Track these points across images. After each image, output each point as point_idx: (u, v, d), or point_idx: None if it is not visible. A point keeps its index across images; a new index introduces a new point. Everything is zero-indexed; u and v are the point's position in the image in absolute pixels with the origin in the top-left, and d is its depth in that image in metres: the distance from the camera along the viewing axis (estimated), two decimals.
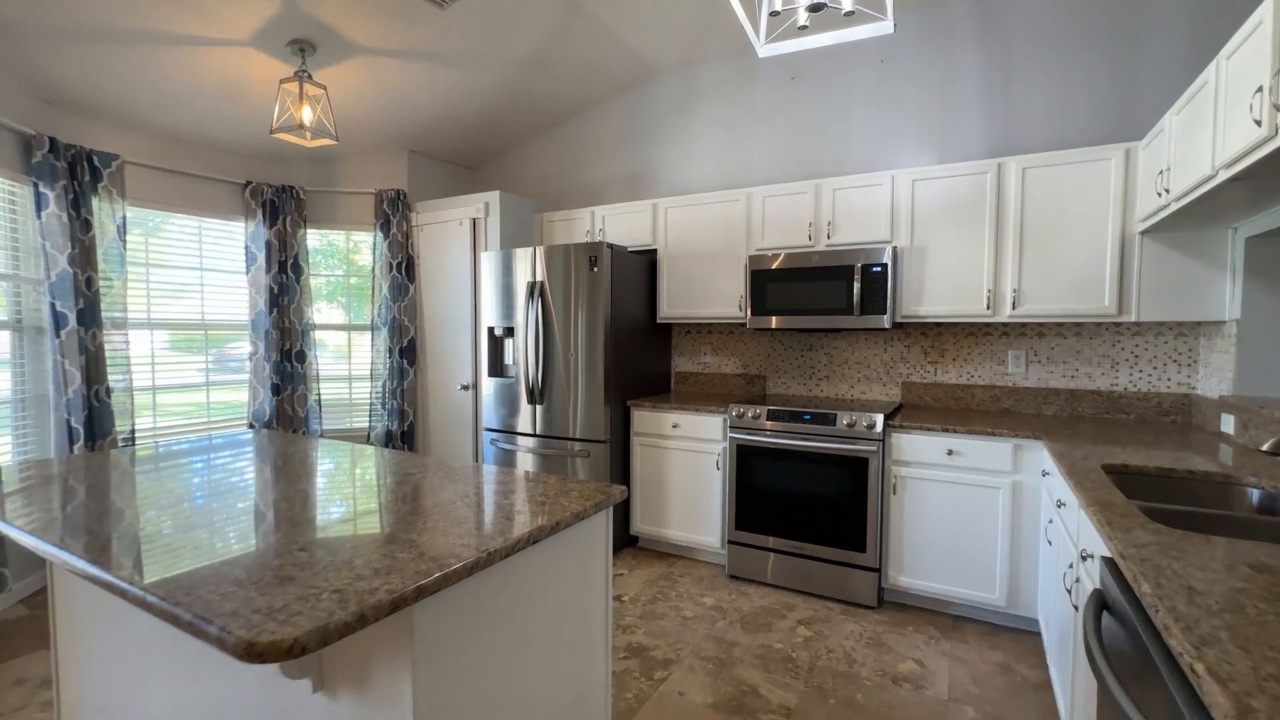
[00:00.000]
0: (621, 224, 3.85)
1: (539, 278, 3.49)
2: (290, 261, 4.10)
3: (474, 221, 4.05)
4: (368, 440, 4.32)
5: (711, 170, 3.92)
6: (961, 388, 3.21)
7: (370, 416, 4.32)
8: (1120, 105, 2.84)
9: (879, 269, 2.98)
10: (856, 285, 3.01)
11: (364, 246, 4.42)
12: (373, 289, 4.31)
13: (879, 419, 2.80)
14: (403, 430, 4.33)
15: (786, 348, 3.68)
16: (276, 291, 4.06)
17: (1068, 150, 2.68)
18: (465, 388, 4.12)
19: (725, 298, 3.52)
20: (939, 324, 3.25)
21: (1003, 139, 3.09)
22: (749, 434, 3.10)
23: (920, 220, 2.99)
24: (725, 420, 3.22)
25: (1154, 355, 2.81)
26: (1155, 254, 2.54)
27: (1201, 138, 1.80)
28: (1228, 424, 2.35)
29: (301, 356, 4.15)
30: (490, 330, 3.71)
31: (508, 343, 3.67)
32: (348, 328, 4.41)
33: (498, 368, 3.74)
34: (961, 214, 2.89)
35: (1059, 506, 1.94)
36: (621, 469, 3.52)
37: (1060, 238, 2.70)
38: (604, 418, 3.35)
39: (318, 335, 4.29)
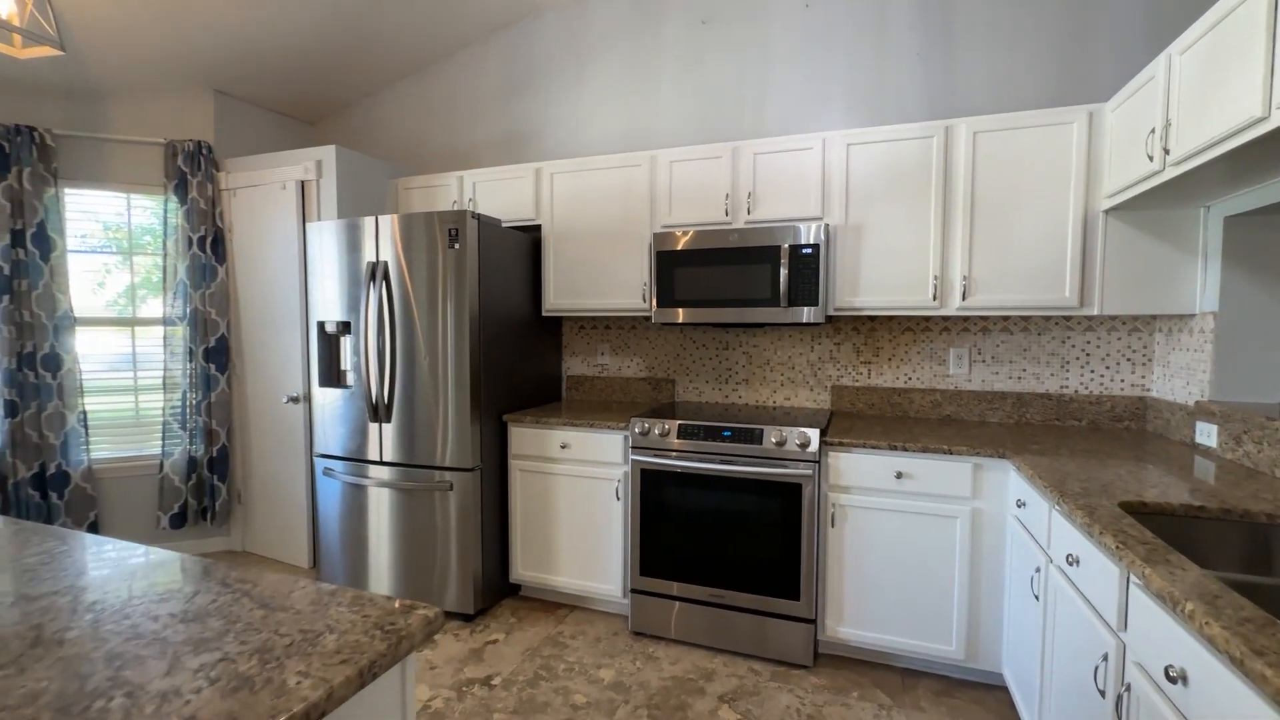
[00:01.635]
0: (497, 193, 3.09)
1: (383, 256, 2.66)
2: (33, 232, 2.97)
3: (302, 185, 3.12)
4: (160, 471, 3.27)
5: (609, 131, 3.25)
6: (899, 392, 2.76)
7: (164, 439, 3.27)
8: (1072, 62, 2.48)
9: (809, 250, 2.45)
10: (783, 271, 2.46)
11: (152, 215, 3.34)
12: (165, 272, 3.25)
13: (814, 435, 2.26)
14: (211, 456, 3.32)
15: (699, 346, 3.10)
16: (9, 272, 2.92)
17: (1024, 112, 2.26)
18: (295, 400, 3.19)
19: (625, 286, 2.87)
20: (873, 318, 2.79)
21: (944, 100, 2.66)
22: (656, 455, 2.47)
23: (857, 193, 2.49)
24: (626, 438, 2.57)
25: (1106, 353, 2.49)
26: (1121, 236, 2.17)
27: (1241, 72, 1.36)
28: (1207, 435, 2.01)
29: (54, 362, 3.03)
30: (320, 326, 2.83)
31: (345, 342, 2.81)
32: (131, 322, 3.32)
33: (333, 375, 2.86)
34: (904, 186, 2.42)
35: (1070, 564, 1.45)
36: (497, 502, 2.78)
37: (1016, 216, 2.29)
38: (472, 438, 2.60)
39: (81, 333, 3.17)
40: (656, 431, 2.47)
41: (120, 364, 3.29)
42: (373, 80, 3.64)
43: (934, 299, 2.39)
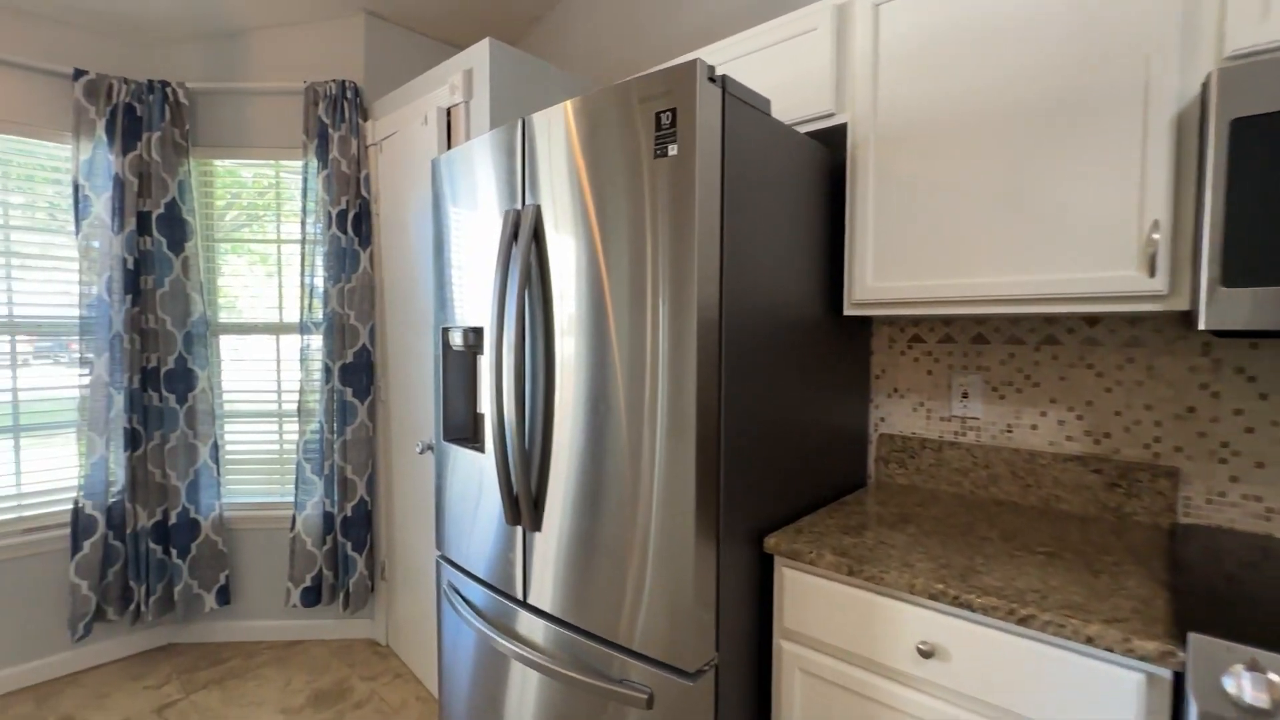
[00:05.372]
0: (763, 74, 1.59)
1: (532, 197, 1.33)
2: (161, 213, 2.32)
3: (449, 114, 2.00)
4: (292, 528, 2.43)
5: None
6: None
7: (297, 485, 2.43)
8: None
9: None
10: None
11: (292, 185, 2.55)
12: (302, 261, 2.42)
13: None
14: (345, 515, 2.40)
15: (1251, 392, 1.20)
16: (134, 266, 2.30)
17: None
18: (430, 448, 2.09)
19: (1074, 235, 1.13)
20: None
21: None
22: None
23: None
24: (1170, 685, 0.84)
25: None
26: None
27: None
28: None
29: (182, 380, 2.36)
30: (445, 335, 1.63)
31: (482, 366, 1.57)
32: (277, 329, 2.57)
33: (467, 422, 1.64)
34: None
35: None
36: None
37: None
38: (700, 591, 1.12)
39: (222, 342, 2.50)
40: None
41: (262, 383, 2.56)
42: None
43: None
